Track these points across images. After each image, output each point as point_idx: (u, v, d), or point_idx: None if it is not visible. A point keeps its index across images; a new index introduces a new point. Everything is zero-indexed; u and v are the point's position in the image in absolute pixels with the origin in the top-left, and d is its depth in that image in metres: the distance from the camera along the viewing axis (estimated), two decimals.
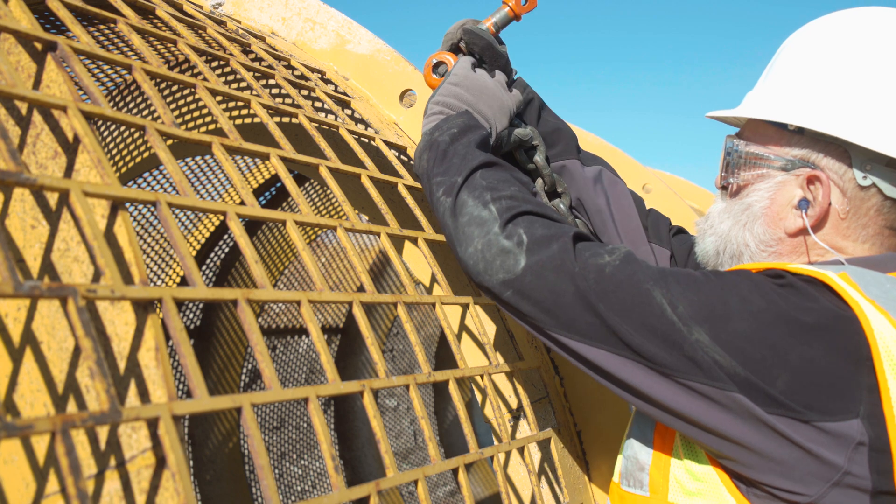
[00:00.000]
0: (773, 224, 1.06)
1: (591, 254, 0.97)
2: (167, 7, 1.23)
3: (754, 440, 0.87)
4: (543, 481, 1.21)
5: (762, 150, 1.06)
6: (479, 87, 1.21)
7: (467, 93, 1.19)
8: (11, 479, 0.80)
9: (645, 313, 0.91)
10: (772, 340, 0.87)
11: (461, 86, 1.20)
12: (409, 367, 4.50)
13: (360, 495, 0.76)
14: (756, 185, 1.07)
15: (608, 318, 0.92)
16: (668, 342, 0.89)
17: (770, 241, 1.06)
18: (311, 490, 3.79)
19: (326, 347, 0.81)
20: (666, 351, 0.89)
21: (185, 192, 0.80)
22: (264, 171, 2.98)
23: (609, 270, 0.94)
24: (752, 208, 1.07)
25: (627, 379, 0.93)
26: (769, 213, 1.06)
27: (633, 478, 1.03)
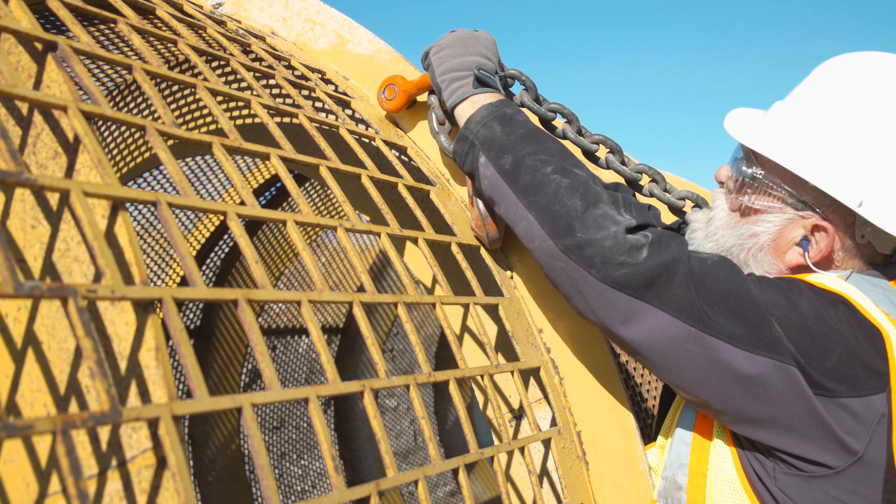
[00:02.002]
0: (776, 256, 1.16)
1: (695, 251, 1.09)
2: (167, 7, 1.23)
3: (795, 414, 1.00)
4: (544, 481, 1.21)
5: (778, 185, 1.14)
6: (471, 37, 1.26)
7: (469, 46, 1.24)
8: (12, 480, 0.80)
9: (739, 297, 1.02)
10: (828, 325, 1.02)
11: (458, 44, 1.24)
12: (410, 367, 4.50)
13: (360, 495, 0.76)
14: (766, 215, 1.16)
15: (706, 296, 1.02)
16: (754, 322, 1.01)
17: (770, 270, 1.17)
18: (311, 490, 3.79)
19: (326, 347, 0.81)
20: (746, 327, 1.01)
21: (186, 192, 0.80)
22: (264, 171, 2.98)
23: (712, 261, 1.06)
24: (760, 238, 1.16)
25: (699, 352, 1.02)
26: (774, 245, 1.15)
27: (672, 497, 1.15)
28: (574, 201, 1.08)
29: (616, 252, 1.04)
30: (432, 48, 1.26)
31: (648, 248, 1.04)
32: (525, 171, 1.12)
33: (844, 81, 1.11)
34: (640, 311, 1.03)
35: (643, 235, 1.05)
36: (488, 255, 1.31)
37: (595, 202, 1.08)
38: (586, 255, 1.05)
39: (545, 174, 1.11)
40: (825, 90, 1.12)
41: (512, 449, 1.07)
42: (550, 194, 1.09)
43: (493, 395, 1.07)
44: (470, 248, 1.28)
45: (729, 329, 1.01)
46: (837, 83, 1.12)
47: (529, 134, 1.15)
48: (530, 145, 1.14)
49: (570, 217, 1.07)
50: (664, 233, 1.07)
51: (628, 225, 1.06)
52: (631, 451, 1.25)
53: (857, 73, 1.11)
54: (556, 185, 1.10)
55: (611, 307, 1.05)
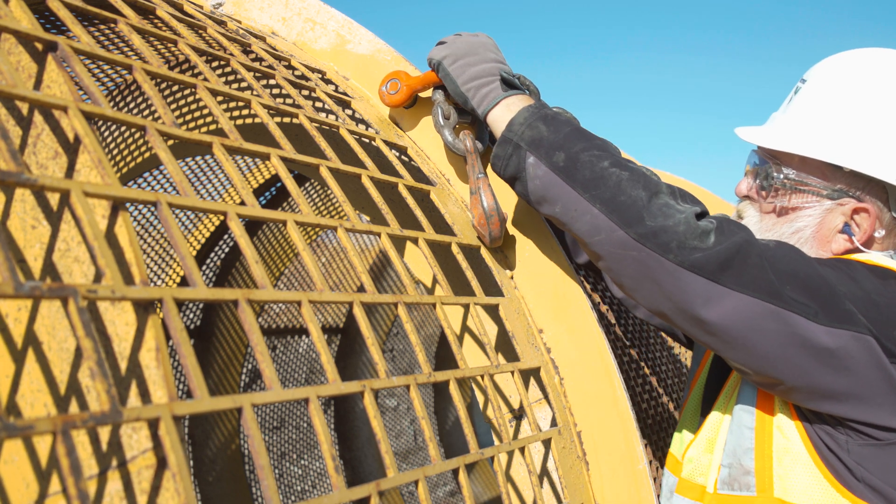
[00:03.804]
0: (821, 246, 1.21)
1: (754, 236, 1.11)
2: (167, 7, 1.23)
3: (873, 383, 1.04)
4: (544, 481, 1.21)
5: (811, 180, 1.20)
6: (480, 44, 1.28)
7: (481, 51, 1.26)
8: (12, 480, 0.80)
9: (809, 275, 1.06)
10: (888, 297, 1.07)
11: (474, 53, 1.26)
12: (410, 367, 4.50)
13: (360, 495, 0.76)
14: (804, 210, 1.21)
15: (778, 276, 1.05)
16: (829, 296, 1.05)
17: None
18: (311, 490, 3.79)
19: (327, 347, 0.81)
20: (819, 303, 1.04)
21: (186, 193, 0.80)
22: (264, 171, 2.98)
23: (773, 244, 1.10)
24: (803, 233, 1.21)
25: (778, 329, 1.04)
26: (818, 236, 1.21)
27: (739, 482, 1.17)
28: (638, 191, 1.09)
29: (690, 237, 1.05)
30: (445, 59, 1.26)
31: (715, 233, 1.06)
32: (582, 166, 1.13)
33: (853, 69, 1.18)
34: (717, 293, 1.04)
35: (709, 221, 1.08)
36: (488, 255, 1.31)
37: (657, 192, 1.09)
38: (661, 241, 1.06)
39: (604, 168, 1.12)
40: (833, 82, 1.19)
41: (512, 449, 1.07)
42: (613, 186, 1.10)
43: (493, 395, 1.07)
44: (470, 248, 1.28)
45: (806, 305, 1.04)
46: (846, 72, 1.19)
47: (577, 132, 1.16)
48: (581, 142, 1.15)
49: (638, 206, 1.08)
50: (726, 218, 1.10)
51: (695, 212, 1.08)
52: (631, 451, 1.25)
53: (866, 61, 1.18)
54: (618, 177, 1.10)
55: (689, 291, 1.06)
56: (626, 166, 1.12)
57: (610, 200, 1.10)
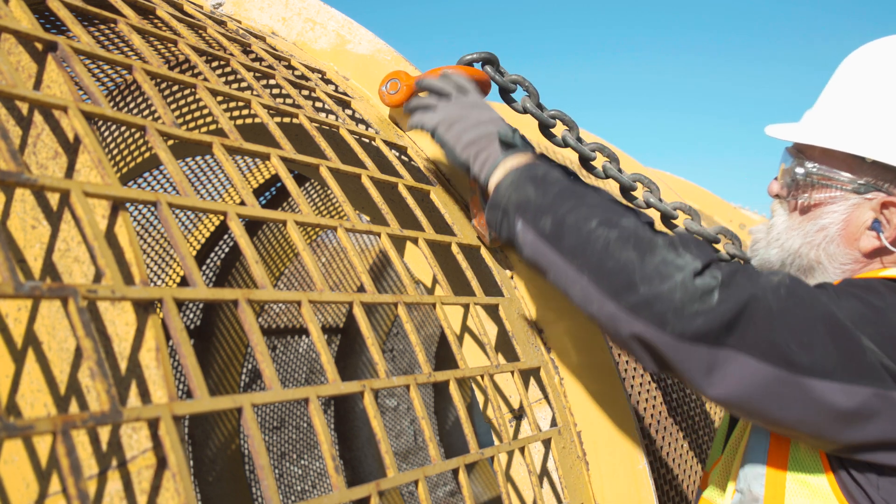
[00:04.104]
0: (848, 244, 1.13)
1: (765, 276, 1.00)
2: (167, 7, 1.23)
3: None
4: (544, 481, 1.21)
5: (834, 174, 1.13)
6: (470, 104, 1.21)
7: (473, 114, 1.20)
8: (12, 480, 0.80)
9: (825, 324, 0.96)
10: None
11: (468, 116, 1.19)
12: (410, 367, 4.50)
13: (360, 495, 0.76)
14: (829, 206, 1.14)
15: (790, 333, 0.95)
16: (846, 351, 0.95)
17: (846, 260, 1.14)
18: (311, 490, 3.78)
19: (327, 347, 0.81)
20: (836, 358, 0.94)
21: (186, 193, 0.80)
22: (264, 171, 2.98)
23: (787, 289, 0.98)
24: (828, 230, 1.14)
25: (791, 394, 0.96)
26: (844, 234, 1.13)
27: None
28: (628, 253, 0.99)
29: (688, 302, 0.95)
30: (438, 126, 1.19)
31: (720, 290, 0.95)
32: (568, 230, 1.03)
33: (877, 58, 1.13)
34: (722, 359, 0.95)
35: (711, 277, 0.96)
36: (488, 254, 1.31)
37: (650, 249, 0.98)
38: (656, 311, 0.96)
39: (590, 230, 1.02)
40: (859, 74, 1.14)
41: (512, 449, 1.07)
42: (600, 250, 1.00)
43: (493, 395, 1.07)
44: (470, 248, 1.28)
45: (821, 363, 0.94)
46: (870, 61, 1.14)
47: (566, 190, 1.07)
48: (569, 202, 1.05)
49: (628, 271, 0.98)
50: (732, 268, 0.99)
51: (694, 269, 0.96)
52: (631, 451, 1.25)
53: (888, 49, 1.13)
54: (605, 239, 1.00)
55: (690, 361, 0.96)
56: (616, 224, 1.02)
57: (597, 268, 1.00)
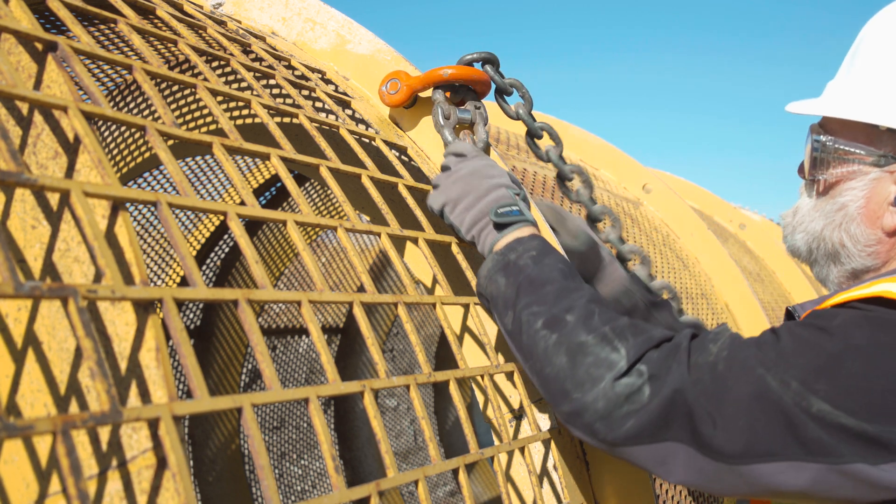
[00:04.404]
0: (870, 223, 1.06)
1: (700, 351, 0.94)
2: (167, 7, 1.23)
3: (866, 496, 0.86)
4: (544, 481, 1.21)
5: (853, 147, 1.05)
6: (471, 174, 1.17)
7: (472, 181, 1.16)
8: (12, 480, 0.80)
9: (764, 398, 0.88)
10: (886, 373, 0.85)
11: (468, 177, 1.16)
12: (410, 367, 4.50)
13: (360, 495, 0.76)
14: (848, 182, 1.06)
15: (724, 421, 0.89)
16: (785, 428, 0.86)
17: (869, 241, 1.06)
18: (311, 490, 3.78)
19: (327, 347, 0.81)
20: (783, 434, 0.87)
21: (186, 193, 0.80)
22: (264, 171, 2.98)
23: (721, 368, 0.91)
24: (848, 209, 1.06)
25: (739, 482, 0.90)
26: (865, 212, 1.06)
27: None
28: (560, 358, 0.97)
29: (614, 409, 0.92)
30: (444, 207, 1.17)
31: (649, 384, 0.92)
32: (522, 330, 1.02)
33: (891, 24, 1.07)
34: (669, 451, 0.92)
35: (637, 374, 0.92)
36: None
37: (582, 351, 0.95)
38: (585, 422, 0.94)
39: (535, 331, 1.00)
40: (875, 41, 1.08)
41: (512, 449, 1.07)
42: (541, 356, 0.99)
43: (493, 395, 1.07)
44: (470, 248, 1.28)
45: (765, 445, 0.87)
46: (887, 29, 1.07)
47: (527, 280, 1.04)
48: (527, 296, 1.03)
49: (561, 379, 0.96)
50: (665, 353, 0.94)
51: (619, 371, 0.93)
52: None
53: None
54: (545, 343, 0.99)
55: (638, 459, 0.94)
56: (559, 322, 0.98)
57: (539, 373, 1.00)
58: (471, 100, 1.37)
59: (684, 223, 2.51)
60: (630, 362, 0.93)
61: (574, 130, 2.72)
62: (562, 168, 1.37)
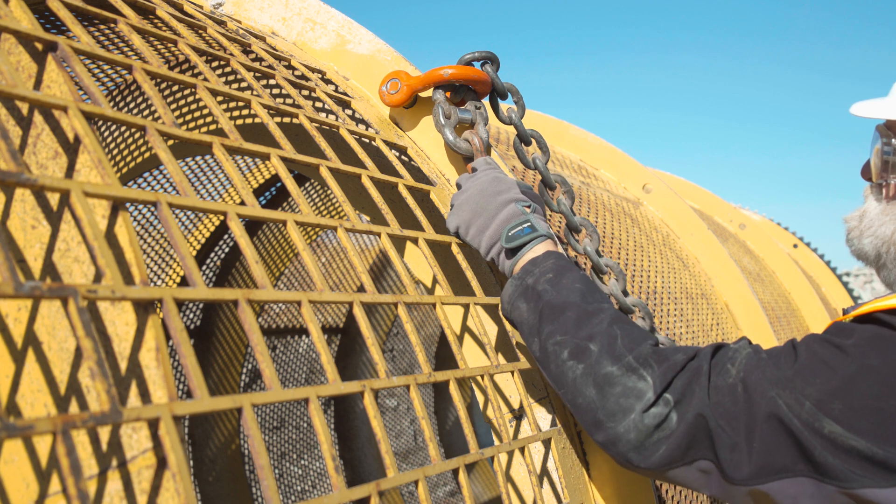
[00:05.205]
0: None
1: (719, 372, 0.96)
2: (167, 7, 1.23)
3: None
4: (544, 481, 1.21)
5: None
6: (480, 194, 1.17)
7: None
8: (12, 480, 0.80)
9: (779, 421, 0.89)
10: None
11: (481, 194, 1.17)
12: (410, 367, 4.50)
13: (360, 495, 0.76)
14: None
15: (748, 443, 0.91)
16: (800, 448, 0.88)
17: None
18: (311, 490, 3.78)
19: (327, 347, 0.81)
20: (798, 456, 0.88)
21: (186, 193, 0.80)
22: (264, 171, 2.98)
23: (739, 390, 0.93)
24: None
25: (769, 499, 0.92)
26: None
27: None
28: (589, 390, 1.00)
29: (645, 437, 0.96)
30: (459, 230, 1.19)
31: (675, 410, 0.95)
32: (549, 359, 1.05)
33: None
34: (703, 469, 0.95)
35: (664, 403, 0.95)
36: None
37: (609, 381, 0.98)
38: (620, 451, 0.98)
39: (563, 361, 1.03)
40: None
41: (512, 449, 1.07)
42: (570, 386, 1.02)
43: (493, 395, 1.07)
44: (470, 248, 1.28)
45: (778, 462, 0.89)
46: None
47: (548, 307, 1.06)
48: (550, 323, 1.05)
49: (593, 410, 0.99)
50: (684, 379, 0.96)
51: (647, 402, 0.96)
52: None
53: None
54: (573, 374, 1.01)
55: (679, 480, 0.97)
56: (583, 352, 1.01)
57: (572, 403, 1.03)
58: (471, 100, 1.37)
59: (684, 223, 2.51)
60: (657, 392, 0.96)
61: (574, 130, 2.71)
62: (547, 177, 1.37)
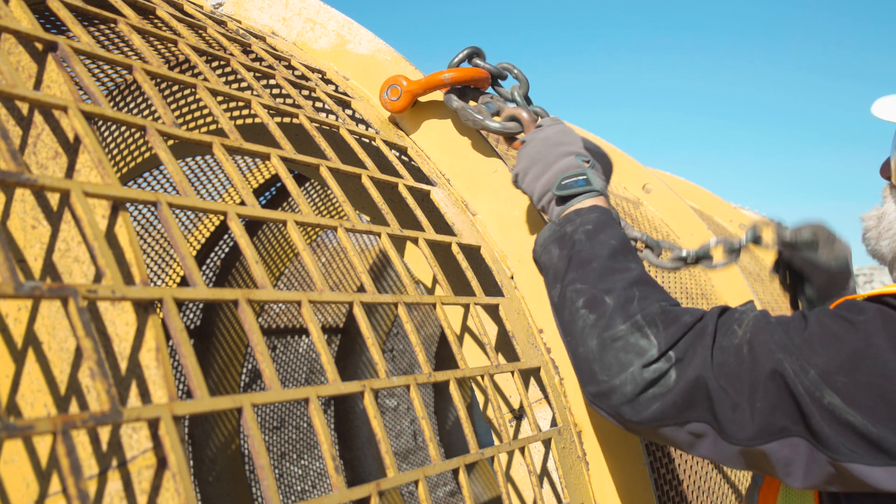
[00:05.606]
0: None
1: (725, 332, 0.95)
2: (167, 7, 1.23)
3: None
4: (544, 481, 1.21)
5: None
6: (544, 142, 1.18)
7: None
8: (12, 480, 0.80)
9: (776, 383, 0.89)
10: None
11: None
12: (410, 367, 4.50)
13: (360, 496, 0.76)
14: None
15: (749, 403, 0.91)
16: (800, 413, 0.88)
17: None
18: (311, 490, 3.78)
19: (327, 347, 0.81)
20: (798, 418, 0.89)
21: (186, 193, 0.80)
22: (264, 171, 2.98)
23: (745, 351, 0.93)
24: None
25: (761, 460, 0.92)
26: None
27: None
28: (592, 342, 0.98)
29: (641, 391, 0.94)
30: (518, 175, 1.21)
31: (675, 368, 0.94)
32: (565, 305, 1.04)
33: None
34: (695, 432, 0.95)
35: (665, 360, 0.94)
36: (488, 255, 1.31)
37: (613, 335, 0.97)
38: (613, 404, 0.96)
39: (577, 309, 1.02)
40: None
41: (512, 449, 1.07)
42: (577, 334, 1.01)
43: (493, 395, 1.07)
44: (470, 248, 1.28)
45: (779, 423, 0.90)
46: None
47: (577, 255, 1.05)
48: (574, 271, 1.04)
49: (590, 360, 0.98)
50: (689, 338, 0.95)
51: (649, 358, 0.95)
52: (631, 452, 1.25)
53: None
54: (583, 322, 1.00)
55: (671, 440, 0.97)
56: (599, 303, 1.00)
57: (574, 352, 1.02)
58: (472, 95, 1.37)
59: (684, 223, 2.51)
60: (661, 350, 0.95)
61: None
62: None
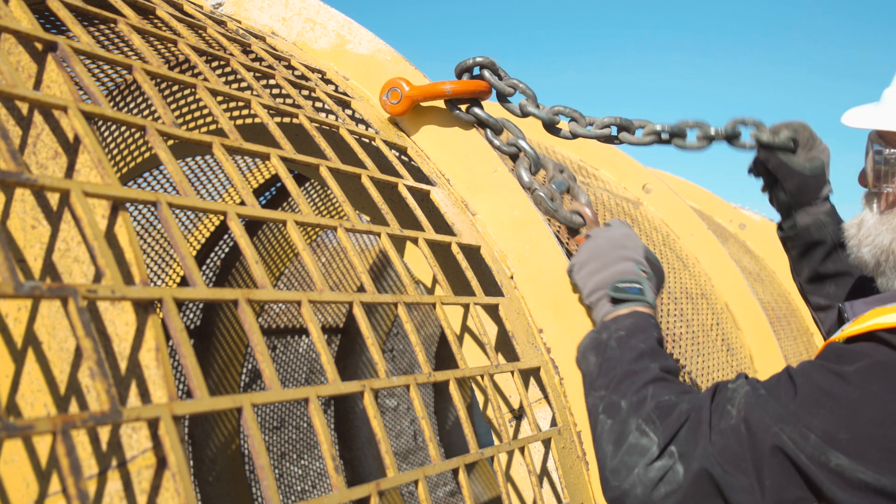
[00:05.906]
0: None
1: (720, 415, 0.97)
2: (167, 7, 1.23)
3: None
4: (544, 481, 1.21)
5: None
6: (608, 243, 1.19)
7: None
8: (12, 480, 0.80)
9: (781, 462, 0.91)
10: None
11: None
12: (410, 367, 4.50)
13: (360, 495, 0.76)
14: None
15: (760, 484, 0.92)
16: (807, 481, 0.89)
17: None
18: (311, 490, 3.78)
19: (326, 347, 0.81)
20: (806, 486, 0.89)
21: (186, 193, 0.80)
22: (264, 171, 2.98)
23: (743, 431, 0.94)
24: None
25: None
26: None
27: None
28: (607, 447, 1.02)
29: (651, 491, 0.96)
30: (574, 266, 1.22)
31: (680, 462, 0.96)
32: (591, 413, 1.07)
33: None
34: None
35: (668, 455, 0.97)
36: (488, 255, 1.31)
37: (624, 438, 1.00)
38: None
39: (598, 415, 1.05)
40: None
41: (512, 449, 1.07)
42: (597, 440, 1.05)
43: (493, 395, 1.07)
44: (470, 248, 1.28)
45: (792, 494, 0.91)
46: None
47: (606, 363, 1.08)
48: (602, 377, 1.07)
49: (603, 465, 1.02)
50: (687, 431, 0.97)
51: (651, 457, 0.97)
52: None
53: None
54: (602, 428, 1.04)
55: None
56: (615, 409, 1.03)
57: (595, 457, 1.05)
58: (474, 106, 1.38)
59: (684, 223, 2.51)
60: (661, 446, 0.97)
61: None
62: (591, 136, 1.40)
